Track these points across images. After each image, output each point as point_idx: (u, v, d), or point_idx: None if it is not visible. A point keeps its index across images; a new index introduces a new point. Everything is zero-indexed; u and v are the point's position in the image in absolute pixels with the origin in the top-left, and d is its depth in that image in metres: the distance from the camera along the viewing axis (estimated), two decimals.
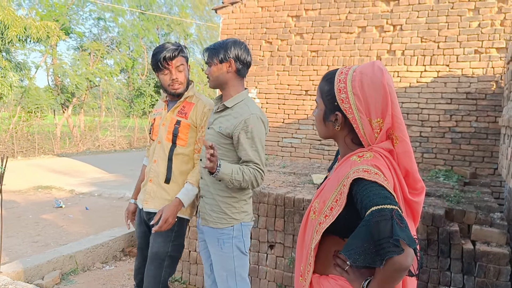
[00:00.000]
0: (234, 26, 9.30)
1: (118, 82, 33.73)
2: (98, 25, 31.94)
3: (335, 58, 8.46)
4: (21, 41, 16.43)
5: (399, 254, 1.48)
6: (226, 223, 3.20)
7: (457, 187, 5.73)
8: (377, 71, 1.83)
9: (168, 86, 3.44)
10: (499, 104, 7.28)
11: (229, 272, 3.25)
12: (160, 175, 3.46)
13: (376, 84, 1.81)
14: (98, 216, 9.00)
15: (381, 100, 1.81)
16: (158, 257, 3.42)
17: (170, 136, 3.44)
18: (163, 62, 3.34)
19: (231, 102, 3.21)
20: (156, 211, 3.39)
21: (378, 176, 1.67)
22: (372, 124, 1.84)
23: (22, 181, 12.32)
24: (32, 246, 6.90)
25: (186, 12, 35.84)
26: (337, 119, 1.92)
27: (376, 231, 1.52)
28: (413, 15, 7.84)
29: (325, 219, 1.80)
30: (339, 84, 1.89)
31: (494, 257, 4.02)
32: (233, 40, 3.22)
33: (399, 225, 1.51)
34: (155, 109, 3.77)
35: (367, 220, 1.57)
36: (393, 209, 1.55)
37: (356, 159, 1.81)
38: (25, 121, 21.22)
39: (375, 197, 1.60)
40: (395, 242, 1.48)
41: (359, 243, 1.57)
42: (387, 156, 1.82)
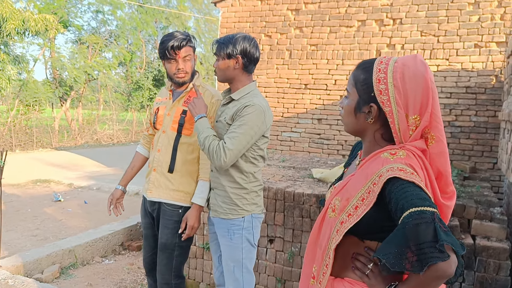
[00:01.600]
0: (233, 19, 9.26)
1: (116, 76, 33.81)
2: (96, 18, 32.06)
3: (334, 52, 8.44)
4: (19, 34, 16.41)
5: (444, 261, 1.39)
6: (236, 214, 3.22)
7: (457, 182, 5.73)
8: (420, 65, 1.72)
9: (174, 75, 3.43)
10: (499, 98, 7.27)
11: (236, 263, 3.27)
12: (164, 164, 3.48)
13: (419, 78, 1.70)
14: (97, 210, 8.99)
15: (421, 95, 1.70)
16: (167, 248, 3.48)
17: (175, 125, 3.46)
18: (171, 51, 3.32)
19: (238, 94, 3.22)
20: (160, 200, 3.48)
21: (414, 176, 1.57)
22: (408, 121, 1.72)
23: (20, 175, 12.31)
24: (31, 240, 6.90)
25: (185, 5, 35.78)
26: (370, 111, 1.79)
27: (416, 234, 1.42)
28: (413, 9, 7.82)
29: (349, 218, 1.69)
30: (378, 74, 1.76)
31: (494, 252, 4.02)
32: (242, 35, 3.20)
33: (443, 229, 1.42)
34: (158, 98, 3.76)
35: (405, 222, 1.46)
36: (434, 212, 1.45)
37: (388, 156, 1.69)
38: (23, 115, 21.20)
39: (413, 197, 1.50)
40: (440, 248, 1.39)
41: (396, 247, 1.47)
42: (420, 155, 1.70)
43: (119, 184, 3.86)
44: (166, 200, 3.48)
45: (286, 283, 4.96)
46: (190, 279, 5.54)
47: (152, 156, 3.59)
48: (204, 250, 5.40)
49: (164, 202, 3.48)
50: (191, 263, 5.52)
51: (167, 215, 3.47)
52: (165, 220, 3.48)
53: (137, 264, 6.21)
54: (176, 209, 3.47)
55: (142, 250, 3.85)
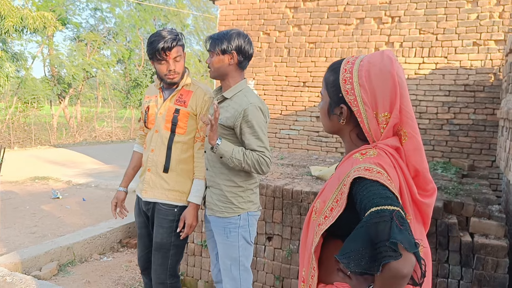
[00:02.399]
0: (232, 17, 9.26)
1: (114, 73, 33.75)
2: (95, 16, 31.93)
3: (333, 49, 8.43)
4: (18, 31, 16.40)
5: (396, 260, 1.33)
6: (232, 213, 3.22)
7: (455, 179, 5.73)
8: (386, 61, 1.70)
9: (165, 76, 3.38)
10: (497, 96, 7.27)
11: (233, 261, 3.27)
12: (158, 164, 3.44)
13: (385, 75, 1.68)
14: (95, 207, 9.00)
15: (389, 92, 1.67)
16: (163, 247, 3.45)
17: (168, 125, 3.41)
18: (161, 53, 3.26)
19: (230, 93, 3.23)
20: (155, 201, 3.45)
21: (380, 175, 1.55)
22: (378, 119, 1.70)
23: (19, 172, 12.31)
24: (29, 237, 6.89)
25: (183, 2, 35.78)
26: (342, 112, 1.79)
27: (374, 233, 1.38)
28: (412, 7, 7.82)
29: (325, 220, 1.69)
30: (344, 74, 1.76)
31: (492, 250, 4.02)
32: (237, 32, 3.21)
33: (399, 227, 1.36)
34: (147, 96, 3.69)
35: (365, 221, 1.43)
36: (394, 210, 1.41)
37: (358, 157, 1.68)
38: (22, 112, 21.19)
39: (375, 197, 1.47)
40: (392, 246, 1.33)
41: (355, 247, 1.43)
42: (393, 153, 1.68)
43: (121, 186, 3.81)
44: (162, 200, 3.44)
45: (285, 281, 4.96)
46: (189, 277, 5.54)
47: (145, 156, 3.55)
48: (202, 248, 5.40)
49: (160, 202, 3.45)
50: (189, 260, 5.52)
51: (162, 214, 3.44)
52: (160, 219, 3.45)
53: (135, 261, 6.21)
54: (172, 208, 3.44)
55: (137, 249, 3.82)
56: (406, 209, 1.65)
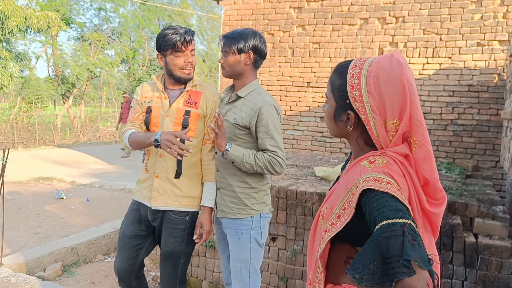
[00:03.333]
0: (236, 17, 9.27)
1: (118, 73, 33.72)
2: (99, 16, 31.94)
3: (337, 50, 8.44)
4: (22, 31, 16.45)
5: (410, 276, 1.29)
6: (245, 214, 3.20)
7: (459, 180, 5.73)
8: (396, 66, 1.63)
9: (180, 69, 3.20)
10: (501, 96, 7.27)
11: (243, 263, 3.24)
12: (169, 170, 3.27)
13: (394, 81, 1.62)
14: (99, 207, 9.00)
15: (399, 99, 1.62)
16: (173, 256, 3.34)
17: (178, 127, 3.22)
18: (180, 44, 3.12)
19: (244, 91, 3.23)
20: (167, 209, 3.28)
21: (390, 186, 1.50)
22: (387, 126, 1.65)
23: (22, 172, 12.33)
24: (33, 238, 6.90)
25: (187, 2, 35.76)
26: (349, 119, 1.74)
27: (385, 248, 1.34)
28: (416, 7, 7.82)
29: (331, 227, 1.65)
30: (352, 80, 1.70)
31: (496, 250, 4.02)
32: (252, 31, 3.20)
33: (411, 242, 1.32)
34: (144, 95, 3.42)
35: (376, 235, 1.39)
36: (405, 223, 1.37)
37: (366, 165, 1.63)
38: (26, 112, 21.25)
39: (385, 209, 1.43)
40: (405, 263, 1.29)
41: (366, 261, 1.38)
42: (402, 161, 1.63)
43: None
44: (175, 208, 3.28)
45: (289, 281, 4.96)
46: (193, 277, 5.54)
47: (152, 162, 3.32)
48: (207, 249, 5.40)
49: (171, 209, 3.28)
50: (193, 261, 5.53)
51: (173, 223, 3.29)
52: (171, 229, 3.30)
53: None
54: (183, 217, 3.30)
55: (117, 259, 3.48)
56: (416, 218, 1.61)
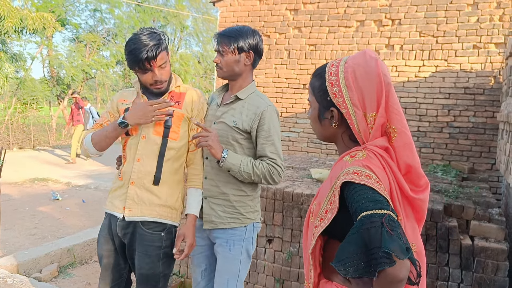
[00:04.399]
0: (232, 19, 9.27)
1: (114, 74, 33.65)
2: (94, 17, 31.83)
3: (333, 52, 8.45)
4: (17, 32, 16.40)
5: (391, 266, 1.34)
6: (239, 223, 3.01)
7: (456, 182, 5.74)
8: (370, 61, 1.71)
9: (150, 86, 2.94)
10: (497, 99, 7.29)
11: (231, 276, 3.04)
12: (146, 176, 2.93)
13: (370, 74, 1.69)
14: (94, 209, 8.99)
15: (375, 91, 1.68)
16: (151, 280, 3.00)
17: (159, 129, 2.93)
18: (145, 63, 2.80)
19: (244, 93, 3.04)
20: (142, 219, 2.93)
21: (368, 178, 1.56)
22: (367, 119, 1.71)
23: (18, 173, 12.30)
24: (29, 239, 6.89)
25: (183, 4, 35.72)
26: (333, 116, 1.79)
27: (367, 239, 1.39)
28: (412, 9, 7.84)
29: (320, 222, 1.70)
30: (330, 78, 1.76)
31: (493, 253, 4.03)
32: (251, 29, 3.00)
33: (389, 233, 1.37)
34: (122, 99, 3.14)
35: (356, 227, 1.45)
36: (384, 214, 1.42)
37: (348, 160, 1.68)
38: (21, 113, 21.15)
39: (365, 201, 1.49)
40: (385, 254, 1.34)
41: (349, 253, 1.44)
42: (382, 154, 1.68)
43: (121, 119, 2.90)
44: (151, 218, 2.93)
45: (285, 283, 4.96)
46: (189, 279, 5.53)
47: (128, 167, 2.99)
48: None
49: (146, 220, 2.92)
50: (189, 262, 5.52)
51: (146, 240, 2.93)
52: (144, 247, 2.94)
53: None
54: (158, 232, 2.95)
55: (100, 280, 3.19)
56: (397, 209, 1.65)
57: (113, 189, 3.14)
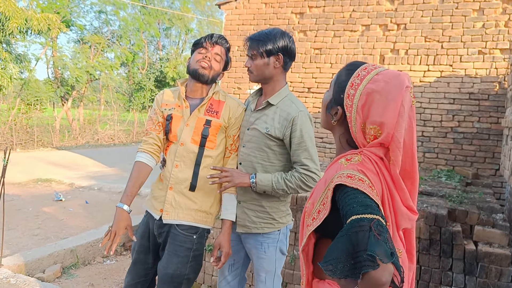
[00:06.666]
0: (238, 22, 9.27)
1: (118, 76, 33.79)
2: (99, 18, 32.01)
3: (338, 56, 8.45)
4: (22, 33, 16.41)
5: (375, 269, 1.37)
6: (273, 228, 3.03)
7: (460, 188, 5.74)
8: (399, 85, 1.68)
9: (197, 62, 3.01)
10: (502, 105, 7.28)
11: (268, 273, 3.10)
12: (183, 182, 3.02)
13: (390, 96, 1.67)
14: (98, 210, 9.00)
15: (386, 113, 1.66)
16: (174, 280, 2.99)
17: (197, 138, 3.02)
18: (206, 41, 3.02)
19: (276, 98, 2.99)
20: (178, 223, 3.01)
21: (361, 183, 1.58)
22: (365, 129, 1.72)
23: (21, 174, 12.32)
24: (32, 239, 6.90)
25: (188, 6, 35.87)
26: (336, 113, 1.83)
27: (354, 242, 1.43)
28: (418, 14, 7.84)
29: (313, 221, 1.73)
30: (355, 79, 1.76)
31: (496, 258, 4.03)
32: (280, 31, 2.96)
33: (376, 237, 1.41)
34: (164, 103, 3.18)
35: (345, 230, 1.48)
36: (373, 219, 1.46)
37: (343, 162, 1.71)
38: (24, 114, 21.19)
39: (355, 205, 1.52)
40: (369, 257, 1.38)
41: (337, 255, 1.47)
42: (377, 161, 1.69)
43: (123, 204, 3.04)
44: (187, 222, 3.00)
45: (288, 286, 4.96)
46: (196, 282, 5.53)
47: (167, 171, 3.07)
48: (206, 252, 5.40)
49: (181, 224, 3.00)
50: None
51: (178, 240, 3.00)
52: (175, 246, 2.99)
53: None
54: (190, 234, 3.02)
55: (127, 273, 3.24)
56: (386, 215, 1.67)
57: (153, 189, 3.23)
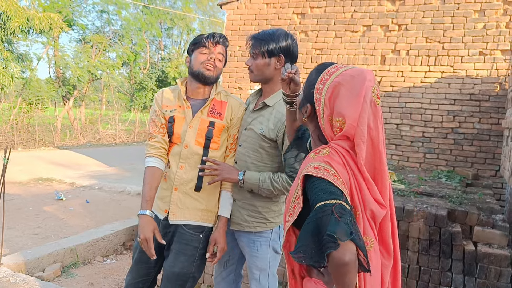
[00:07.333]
0: (239, 22, 9.28)
1: (120, 76, 33.79)
2: (101, 18, 32.00)
3: (339, 56, 8.45)
4: (24, 32, 16.42)
5: (336, 249, 1.42)
6: (265, 227, 3.02)
7: (460, 188, 5.74)
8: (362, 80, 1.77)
9: (201, 64, 2.96)
10: (503, 106, 7.28)
11: (262, 272, 3.09)
12: (189, 183, 3.02)
13: (354, 91, 1.76)
14: (98, 209, 9.00)
15: (350, 105, 1.74)
16: (180, 278, 2.99)
17: (201, 140, 3.02)
18: (208, 41, 2.96)
19: (272, 100, 2.97)
20: (186, 223, 3.01)
21: (326, 172, 1.64)
22: (332, 122, 1.79)
23: (22, 173, 12.32)
24: (32, 238, 6.90)
25: (190, 6, 35.86)
26: (306, 111, 1.93)
27: (319, 228, 1.48)
28: (419, 15, 7.84)
29: (290, 217, 1.77)
30: (324, 75, 1.85)
31: (496, 259, 4.03)
32: (284, 32, 2.93)
33: (337, 219, 1.46)
34: (164, 104, 3.13)
35: (311, 217, 1.54)
36: (335, 203, 1.52)
37: (312, 156, 1.78)
38: (26, 113, 21.20)
39: (320, 193, 1.58)
40: (329, 238, 1.43)
41: (304, 241, 1.53)
42: (343, 153, 1.74)
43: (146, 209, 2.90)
44: (194, 222, 3.01)
45: (287, 286, 4.96)
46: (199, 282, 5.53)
47: (171, 173, 3.06)
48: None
49: (188, 224, 3.00)
50: None
51: (185, 239, 3.00)
52: (182, 245, 3.00)
53: None
54: (197, 233, 3.02)
55: (129, 273, 3.23)
56: (355, 205, 1.70)
57: (162, 190, 3.18)
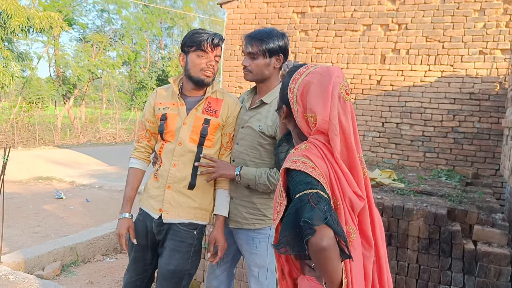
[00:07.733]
0: (239, 21, 9.27)
1: (120, 75, 33.80)
2: (101, 17, 32.03)
3: (339, 55, 8.45)
4: (24, 31, 16.45)
5: (313, 235, 1.45)
6: (264, 224, 3.02)
7: (459, 187, 5.73)
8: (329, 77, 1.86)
9: (201, 70, 2.94)
10: (502, 105, 7.27)
11: (261, 269, 3.08)
12: (182, 181, 3.00)
13: (323, 86, 1.84)
14: (98, 208, 9.01)
15: (319, 100, 1.82)
16: (176, 276, 2.99)
17: (196, 137, 3.00)
18: (206, 45, 2.90)
19: (270, 97, 2.97)
20: (180, 221, 3.01)
21: (304, 165, 1.69)
22: (307, 118, 1.87)
23: (22, 172, 12.33)
24: (32, 237, 6.91)
25: (190, 6, 35.86)
26: (283, 112, 2.00)
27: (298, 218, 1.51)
28: (419, 14, 7.83)
29: (277, 215, 1.78)
30: (296, 75, 1.94)
31: (495, 258, 4.02)
32: (280, 31, 2.97)
33: (312, 206, 1.50)
34: (157, 102, 3.15)
35: (290, 208, 1.58)
36: (311, 192, 1.56)
37: (292, 152, 1.83)
38: (26, 112, 21.23)
39: (298, 184, 1.62)
40: (305, 224, 1.46)
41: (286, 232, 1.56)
42: (321, 146, 1.79)
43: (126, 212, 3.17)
44: (188, 220, 3.01)
45: None
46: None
47: (164, 171, 3.04)
48: (205, 251, 5.39)
49: (183, 222, 3.00)
50: None
51: (179, 237, 2.99)
52: (176, 243, 2.99)
53: None
54: (191, 230, 3.02)
55: (126, 272, 3.25)
56: (335, 195, 1.73)
57: (148, 187, 3.21)
